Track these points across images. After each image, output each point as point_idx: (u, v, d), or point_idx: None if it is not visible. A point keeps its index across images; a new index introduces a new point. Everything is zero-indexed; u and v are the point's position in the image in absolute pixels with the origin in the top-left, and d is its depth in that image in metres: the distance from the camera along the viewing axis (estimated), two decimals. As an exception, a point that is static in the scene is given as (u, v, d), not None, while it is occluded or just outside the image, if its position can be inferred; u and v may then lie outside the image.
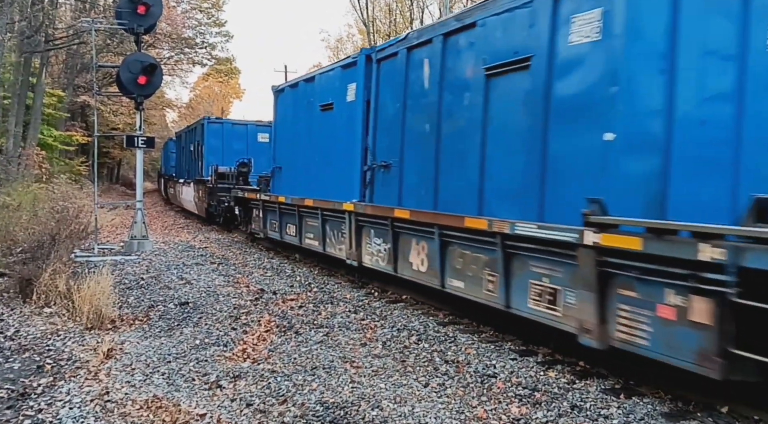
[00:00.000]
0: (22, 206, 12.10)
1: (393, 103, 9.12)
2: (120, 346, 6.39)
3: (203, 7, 40.07)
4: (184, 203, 25.71)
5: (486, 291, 6.60)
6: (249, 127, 22.26)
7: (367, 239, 9.22)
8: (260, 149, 20.66)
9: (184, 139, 27.07)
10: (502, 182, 6.81)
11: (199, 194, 21.54)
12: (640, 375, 5.47)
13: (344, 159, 10.39)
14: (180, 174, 28.15)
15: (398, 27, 35.12)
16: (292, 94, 13.39)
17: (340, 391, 5.15)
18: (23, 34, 20.16)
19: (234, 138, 21.73)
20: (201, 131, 22.49)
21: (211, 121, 22.52)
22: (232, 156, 20.16)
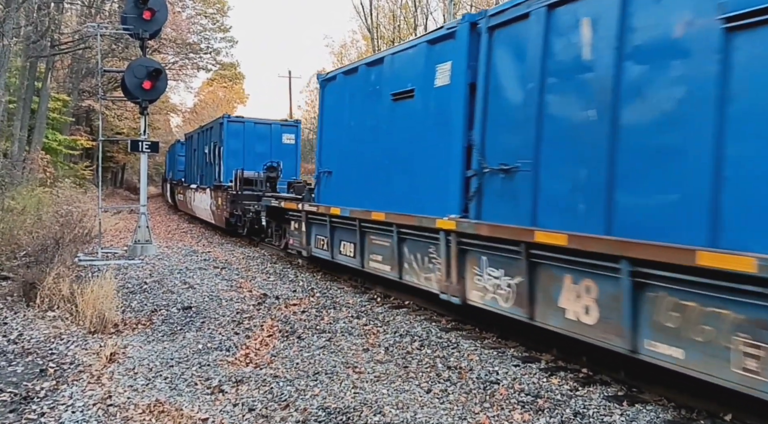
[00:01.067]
0: (26, 210, 12.14)
1: (520, 85, 6.62)
2: (123, 350, 6.40)
3: (208, 13, 40.34)
4: (197, 211, 23.07)
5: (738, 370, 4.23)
6: (273, 127, 19.77)
7: (476, 268, 6.86)
8: (285, 152, 19.04)
9: (197, 141, 24.31)
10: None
11: (217, 202, 18.94)
12: (644, 382, 5.45)
13: (431, 161, 8.08)
14: (191, 179, 25.25)
15: (402, 33, 35.21)
16: (348, 82, 10.74)
17: (342, 396, 5.15)
18: (29, 39, 20.27)
19: (256, 139, 19.32)
20: (219, 131, 19.81)
21: (231, 120, 19.40)
22: (254, 160, 18.14)
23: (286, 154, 18.82)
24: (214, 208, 19.63)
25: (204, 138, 22.51)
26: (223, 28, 42.38)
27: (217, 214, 19.13)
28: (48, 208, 12.51)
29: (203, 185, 21.70)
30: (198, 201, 22.45)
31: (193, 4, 38.32)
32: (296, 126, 20.44)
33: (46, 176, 21.36)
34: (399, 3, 35.67)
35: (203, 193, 21.36)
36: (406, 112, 8.76)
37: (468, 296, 7.01)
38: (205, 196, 21.08)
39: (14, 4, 16.64)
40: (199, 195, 22.26)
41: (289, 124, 20.21)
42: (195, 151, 24.58)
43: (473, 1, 31.58)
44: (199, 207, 22.28)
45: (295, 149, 19.86)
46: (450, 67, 7.74)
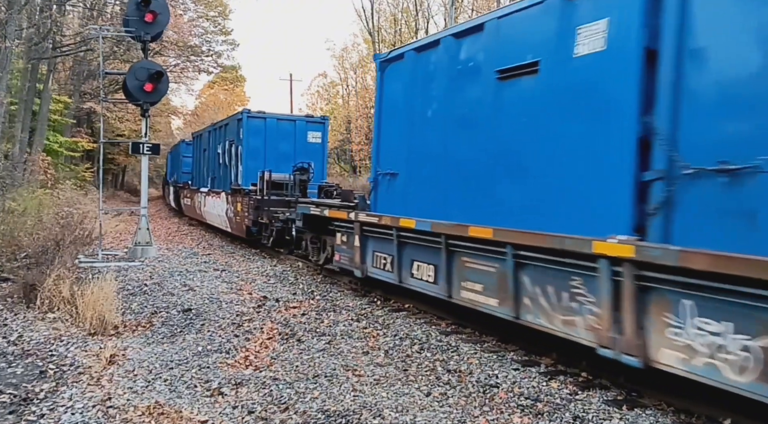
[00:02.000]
0: (27, 212, 12.15)
1: (745, 49, 4.57)
2: (123, 352, 6.40)
3: (210, 16, 40.40)
4: (209, 218, 20.54)
5: None
6: (298, 124, 17.85)
7: (671, 316, 4.58)
8: (311, 152, 17.31)
9: (208, 141, 22.16)
10: None
11: (236, 208, 16.62)
12: (643, 387, 5.45)
13: (570, 160, 5.98)
14: (200, 182, 23.07)
15: (403, 37, 35.28)
16: (423, 60, 8.61)
17: (341, 399, 5.15)
18: (31, 41, 20.32)
19: (280, 137, 17.33)
20: (237, 129, 17.62)
21: (252, 116, 17.31)
22: (276, 160, 16.41)
23: (312, 154, 16.95)
24: (231, 214, 17.21)
25: (217, 137, 20.47)
26: (224, 31, 42.46)
27: (236, 221, 16.74)
28: (48, 209, 12.51)
29: (216, 189, 19.62)
30: (210, 206, 20.04)
31: (195, 7, 38.39)
32: (323, 123, 18.42)
33: (46, 178, 21.38)
34: (400, 6, 35.78)
35: (216, 198, 19.04)
36: (523, 94, 6.67)
37: (655, 357, 4.69)
38: (218, 202, 18.73)
39: (16, 6, 16.68)
40: (211, 200, 19.86)
41: (315, 121, 18.19)
42: (205, 151, 22.67)
43: (475, 5, 31.67)
44: (212, 213, 19.81)
45: (322, 149, 18.14)
46: (605, 27, 5.67)
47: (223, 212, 18.01)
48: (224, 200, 17.94)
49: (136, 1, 13.73)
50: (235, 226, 16.87)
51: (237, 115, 18.26)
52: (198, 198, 22.32)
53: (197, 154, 24.69)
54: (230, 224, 17.44)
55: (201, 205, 21.70)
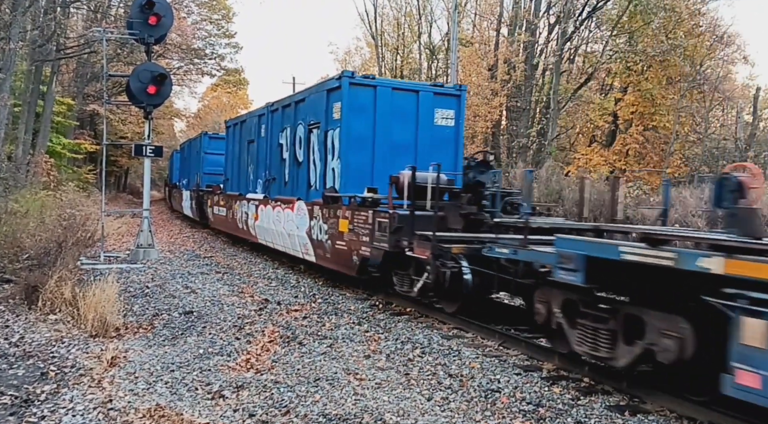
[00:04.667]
0: (29, 213, 12.15)
1: None
2: (124, 354, 6.40)
3: (213, 19, 40.51)
4: (267, 237, 14.25)
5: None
6: (422, 97, 11.27)
7: None
8: (440, 141, 11.26)
9: (257, 129, 15.65)
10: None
11: (336, 227, 10.36)
12: (646, 393, 5.43)
13: None
14: (241, 185, 17.01)
15: (406, 40, 35.31)
16: None
17: (343, 403, 5.14)
18: (35, 43, 20.37)
19: (394, 117, 11.00)
20: (328, 104, 11.35)
21: (356, 83, 10.84)
22: (389, 154, 10.81)
23: (441, 143, 11.19)
24: (320, 236, 11.03)
25: (279, 121, 14.00)
26: (228, 34, 42.56)
27: (333, 248, 10.51)
28: (51, 211, 12.52)
29: (284, 196, 13.20)
30: (270, 221, 13.76)
31: (198, 10, 38.56)
32: (458, 94, 11.66)
33: (49, 180, 21.41)
34: (403, 11, 35.78)
35: (284, 210, 12.90)
36: None
37: None
38: (290, 215, 12.51)
39: (21, 8, 16.73)
40: (273, 212, 13.63)
41: (446, 92, 11.58)
42: (251, 144, 16.28)
43: (478, 10, 31.70)
44: (274, 231, 13.55)
45: (455, 136, 11.58)
46: None
47: (303, 231, 11.76)
48: (304, 214, 11.75)
49: (140, 3, 13.77)
50: (330, 255, 10.66)
51: (329, 82, 11.61)
52: (243, 208, 15.93)
53: (235, 148, 18.18)
54: (318, 250, 11.21)
55: (249, 219, 15.32)
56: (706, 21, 26.22)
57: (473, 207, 8.85)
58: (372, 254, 9.10)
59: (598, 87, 29.66)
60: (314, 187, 11.94)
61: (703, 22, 25.85)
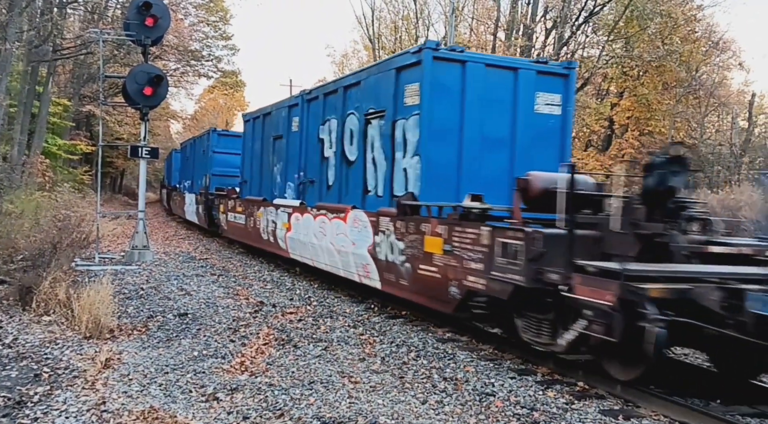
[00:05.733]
0: (24, 214, 12.12)
1: None
2: (118, 356, 6.38)
3: (210, 21, 40.51)
4: (306, 252, 11.66)
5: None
6: (521, 76, 8.95)
7: None
8: (542, 134, 9.05)
9: (286, 122, 13.20)
10: None
11: (421, 246, 7.79)
12: (639, 397, 5.44)
13: None
14: (263, 190, 14.70)
15: (403, 44, 35.36)
16: None
17: (337, 406, 5.13)
18: (31, 43, 20.32)
19: (486, 102, 8.73)
20: (396, 84, 9.04)
21: (440, 57, 8.50)
22: (480, 148, 8.68)
23: (544, 136, 8.99)
24: (397, 258, 8.34)
25: (318, 112, 11.63)
26: (225, 36, 42.56)
27: (422, 276, 7.80)
28: (46, 212, 12.48)
29: (328, 203, 10.73)
30: (310, 234, 11.14)
31: (195, 12, 38.53)
32: (566, 74, 9.28)
33: (45, 181, 21.35)
34: (401, 14, 35.88)
35: (329, 221, 10.36)
36: None
37: None
38: (343, 228, 9.88)
39: (17, 8, 16.71)
40: (310, 223, 11.13)
41: (551, 71, 9.21)
42: (278, 140, 13.70)
43: (475, 14, 31.79)
44: (318, 247, 10.89)
45: (562, 127, 9.23)
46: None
47: (362, 248, 9.20)
48: (364, 227, 9.19)
49: (137, 5, 13.78)
50: (409, 282, 8.09)
51: (400, 58, 9.11)
52: (268, 216, 13.51)
53: (256, 146, 15.50)
54: (387, 274, 8.65)
55: (278, 229, 12.82)
56: (702, 27, 26.39)
57: (658, 225, 5.93)
58: (489, 288, 6.51)
59: (594, 92, 29.77)
60: (373, 193, 9.52)
61: (698, 28, 26.01)
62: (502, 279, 6.30)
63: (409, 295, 8.28)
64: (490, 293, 6.55)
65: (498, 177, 8.52)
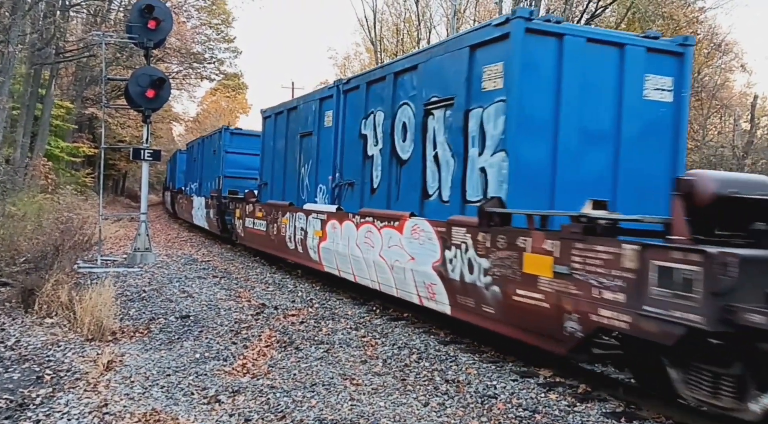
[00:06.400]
0: (26, 216, 12.15)
1: None
2: (120, 358, 6.38)
3: (213, 23, 40.59)
4: (345, 265, 9.94)
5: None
6: (629, 55, 7.23)
7: None
8: (647, 123, 7.40)
9: (315, 118, 11.77)
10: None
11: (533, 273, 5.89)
12: (642, 399, 5.43)
13: None
14: (287, 193, 13.18)
15: (405, 46, 35.39)
16: None
17: (339, 408, 5.13)
18: (34, 46, 20.40)
19: (588, 84, 7.08)
20: (470, 66, 7.39)
21: (534, 29, 6.78)
22: (576, 144, 7.01)
23: (654, 129, 7.44)
24: (479, 279, 6.64)
25: (359, 103, 10.13)
26: (227, 39, 42.65)
27: (520, 305, 6.09)
28: (48, 214, 12.51)
29: (375, 210, 9.11)
30: (351, 245, 9.52)
31: (198, 15, 38.61)
32: (681, 53, 7.65)
33: (47, 183, 21.40)
34: (403, 17, 35.94)
35: (377, 230, 8.77)
36: None
37: None
38: (397, 239, 8.25)
39: (20, 11, 16.77)
40: (351, 232, 9.49)
41: (663, 48, 7.56)
42: (307, 138, 12.23)
43: (477, 16, 31.80)
44: (361, 260, 9.24)
45: (676, 117, 7.62)
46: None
47: (426, 264, 7.61)
48: (428, 238, 7.60)
49: (140, 7, 13.82)
50: (498, 309, 6.45)
51: (477, 33, 7.44)
52: (296, 223, 11.80)
53: (278, 144, 14.00)
54: (462, 297, 7.04)
55: (308, 238, 11.11)
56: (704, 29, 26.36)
57: None
58: (638, 328, 4.82)
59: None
60: (435, 197, 8.02)
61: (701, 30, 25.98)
62: (664, 318, 4.56)
63: (496, 326, 6.57)
64: (640, 334, 4.82)
65: (598, 179, 7.04)
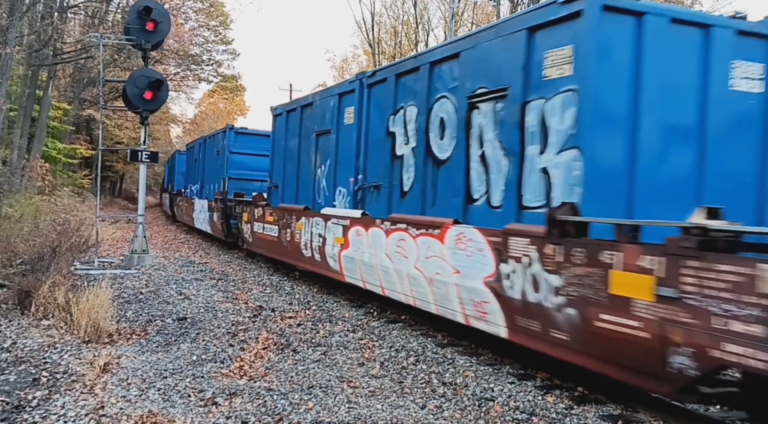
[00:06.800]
0: (23, 218, 12.13)
1: None
2: (117, 360, 6.37)
3: (211, 25, 40.65)
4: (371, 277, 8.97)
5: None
6: (714, 38, 6.19)
7: None
8: (735, 117, 6.35)
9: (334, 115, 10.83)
10: None
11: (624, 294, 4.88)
12: (639, 403, 5.43)
13: None
14: (300, 196, 12.26)
15: (403, 49, 35.45)
16: None
17: (336, 411, 5.12)
18: (32, 48, 20.39)
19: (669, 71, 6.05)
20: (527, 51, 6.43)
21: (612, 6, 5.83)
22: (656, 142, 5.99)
23: (741, 123, 6.39)
24: (547, 299, 5.66)
25: (387, 98, 9.21)
26: (225, 41, 42.72)
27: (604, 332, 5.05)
28: (45, 216, 12.49)
29: (408, 216, 8.18)
30: (380, 254, 8.59)
31: (196, 17, 38.65)
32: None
33: (44, 184, 21.38)
34: (400, 19, 36.02)
35: (412, 238, 7.83)
36: None
37: None
38: (438, 250, 7.28)
39: (18, 12, 16.75)
40: (380, 241, 8.57)
41: (751, 31, 6.36)
42: (324, 136, 11.23)
43: (474, 19, 31.87)
44: (392, 271, 8.33)
45: (765, 111, 6.46)
46: None
47: (475, 279, 6.66)
48: (477, 250, 6.64)
49: (138, 9, 13.82)
50: (572, 335, 5.40)
51: (537, 12, 6.42)
52: (312, 228, 10.77)
53: (290, 144, 12.83)
54: (522, 318, 6.06)
55: (327, 246, 10.14)
56: None
57: None
58: None
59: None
60: (482, 202, 7.02)
61: None
62: None
63: (571, 355, 5.49)
64: None
65: (681, 181, 6.14)
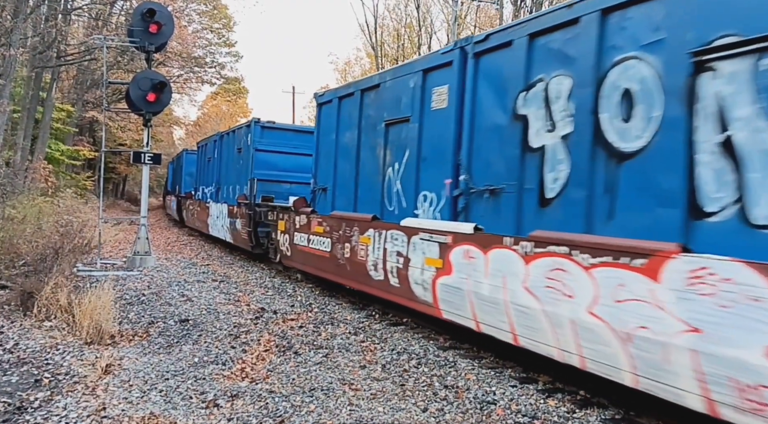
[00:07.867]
0: (26, 219, 12.15)
1: None
2: (119, 361, 6.37)
3: (214, 28, 40.74)
4: (491, 318, 6.40)
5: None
6: None
7: None
8: None
9: (412, 100, 8.31)
10: None
11: None
12: (641, 406, 5.42)
13: None
14: (361, 203, 9.74)
15: (406, 52, 35.48)
16: None
17: (338, 413, 5.12)
18: (35, 49, 20.44)
19: None
20: None
21: None
22: None
23: None
24: None
25: (511, 70, 6.59)
26: (228, 43, 42.80)
27: None
28: (48, 217, 12.52)
29: (571, 236, 5.44)
30: (516, 292, 5.95)
31: (199, 19, 38.77)
32: None
33: (47, 186, 21.42)
34: (403, 22, 36.05)
35: (584, 271, 5.15)
36: None
37: None
38: (647, 291, 4.63)
39: (22, 14, 16.81)
40: (516, 269, 5.97)
41: None
42: (395, 126, 8.83)
43: (477, 22, 31.89)
44: (538, 314, 5.68)
45: None
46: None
47: (745, 348, 3.96)
48: (747, 294, 3.93)
49: (141, 11, 13.85)
50: None
51: None
52: (387, 245, 8.41)
53: (343, 139, 10.48)
54: None
55: (410, 267, 7.85)
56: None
57: None
58: None
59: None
60: (733, 216, 4.38)
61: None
62: None
63: None
64: None
65: None
